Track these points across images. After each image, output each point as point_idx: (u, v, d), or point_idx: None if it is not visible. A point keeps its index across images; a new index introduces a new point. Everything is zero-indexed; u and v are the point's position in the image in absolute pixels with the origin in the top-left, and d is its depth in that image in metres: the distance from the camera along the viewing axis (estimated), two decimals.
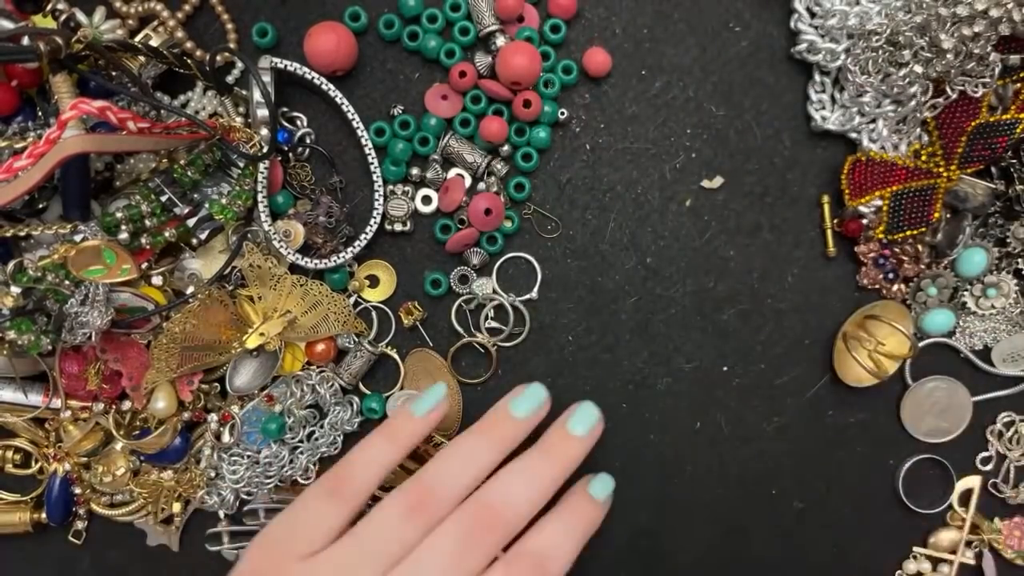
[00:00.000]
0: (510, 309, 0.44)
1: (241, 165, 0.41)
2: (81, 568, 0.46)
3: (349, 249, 0.42)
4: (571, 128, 0.44)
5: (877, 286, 0.44)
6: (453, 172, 0.43)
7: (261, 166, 0.41)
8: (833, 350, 0.44)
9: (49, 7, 0.40)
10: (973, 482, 0.46)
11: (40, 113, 0.39)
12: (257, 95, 0.40)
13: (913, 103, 0.41)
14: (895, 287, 0.44)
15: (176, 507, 0.44)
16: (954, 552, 0.46)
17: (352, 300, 0.44)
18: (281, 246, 0.41)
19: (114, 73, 0.39)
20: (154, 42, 0.41)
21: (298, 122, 0.43)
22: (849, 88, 0.42)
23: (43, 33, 0.35)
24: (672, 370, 0.45)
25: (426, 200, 0.43)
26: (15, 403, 0.42)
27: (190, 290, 0.41)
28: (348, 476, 0.37)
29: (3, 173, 0.35)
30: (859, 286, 0.45)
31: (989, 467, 0.46)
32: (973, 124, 0.41)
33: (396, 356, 0.44)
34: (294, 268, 0.42)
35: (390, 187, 0.43)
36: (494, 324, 0.44)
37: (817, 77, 0.43)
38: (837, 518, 0.46)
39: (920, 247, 0.43)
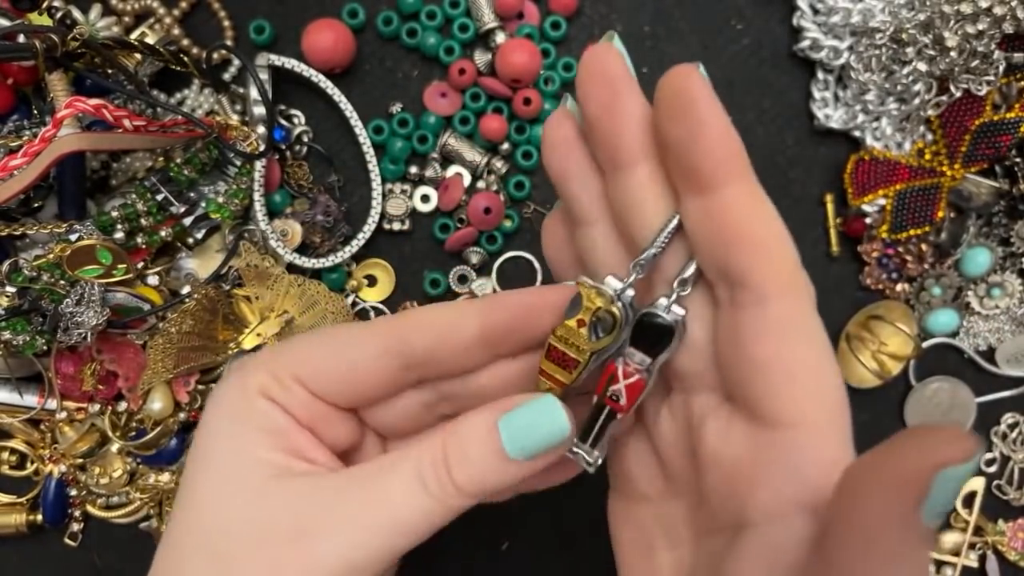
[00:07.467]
0: None
1: (238, 163, 0.41)
2: (77, 570, 0.45)
3: (347, 248, 0.42)
4: None
5: (880, 286, 0.44)
6: (452, 170, 0.43)
7: (258, 164, 0.41)
8: (836, 351, 0.44)
9: (45, 4, 0.40)
10: (977, 484, 0.45)
11: (35, 111, 0.39)
12: (254, 93, 0.40)
13: (917, 101, 0.41)
14: (899, 287, 0.44)
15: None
16: (957, 554, 0.45)
17: (350, 300, 0.43)
18: (278, 245, 0.41)
19: (110, 71, 0.38)
20: (150, 39, 0.41)
21: (295, 120, 0.43)
22: (852, 86, 0.42)
23: (39, 31, 0.35)
24: None
25: (425, 199, 0.43)
26: (10, 404, 0.42)
27: (186, 290, 0.41)
28: None
29: None
30: (862, 286, 0.44)
31: (993, 469, 0.46)
32: (977, 122, 0.41)
33: None
34: (291, 267, 0.42)
35: (388, 186, 0.43)
36: None
37: (820, 75, 0.43)
38: None
39: (924, 246, 0.43)
